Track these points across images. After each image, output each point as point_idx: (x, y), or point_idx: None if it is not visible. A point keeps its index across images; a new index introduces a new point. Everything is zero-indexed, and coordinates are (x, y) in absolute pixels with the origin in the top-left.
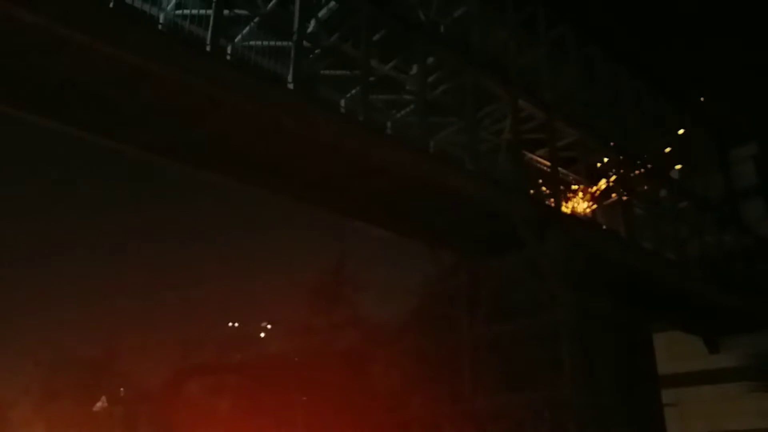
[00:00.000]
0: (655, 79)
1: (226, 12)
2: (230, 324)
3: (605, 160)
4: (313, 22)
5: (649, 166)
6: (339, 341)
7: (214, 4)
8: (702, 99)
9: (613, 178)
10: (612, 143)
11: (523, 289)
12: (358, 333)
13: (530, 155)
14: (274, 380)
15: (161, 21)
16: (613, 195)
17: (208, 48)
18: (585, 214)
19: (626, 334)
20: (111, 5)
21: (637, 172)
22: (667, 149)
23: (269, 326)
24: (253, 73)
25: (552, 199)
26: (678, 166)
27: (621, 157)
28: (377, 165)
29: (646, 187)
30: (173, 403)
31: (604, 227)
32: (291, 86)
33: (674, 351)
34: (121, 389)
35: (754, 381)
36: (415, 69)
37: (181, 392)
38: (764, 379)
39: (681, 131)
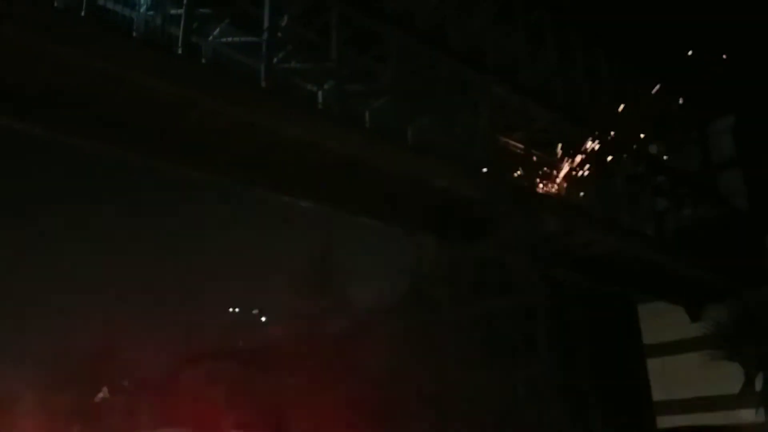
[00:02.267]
0: (632, 56)
1: (198, 11)
2: (231, 310)
3: (584, 142)
4: (285, 18)
5: (625, 142)
6: (328, 325)
7: (184, 6)
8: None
9: (587, 157)
10: (588, 123)
11: (500, 270)
12: (346, 317)
13: (505, 139)
14: (270, 365)
15: (135, 23)
16: (588, 173)
17: (179, 51)
18: (560, 195)
19: (608, 307)
20: (82, 13)
21: (613, 149)
22: (645, 124)
23: (256, 311)
24: (225, 74)
25: (526, 182)
26: (656, 142)
27: (597, 136)
28: (353, 157)
29: (622, 164)
30: (174, 391)
31: (579, 206)
32: (263, 84)
33: (658, 321)
34: (124, 380)
35: (720, 348)
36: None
37: (182, 380)
38: (731, 345)
39: (660, 106)
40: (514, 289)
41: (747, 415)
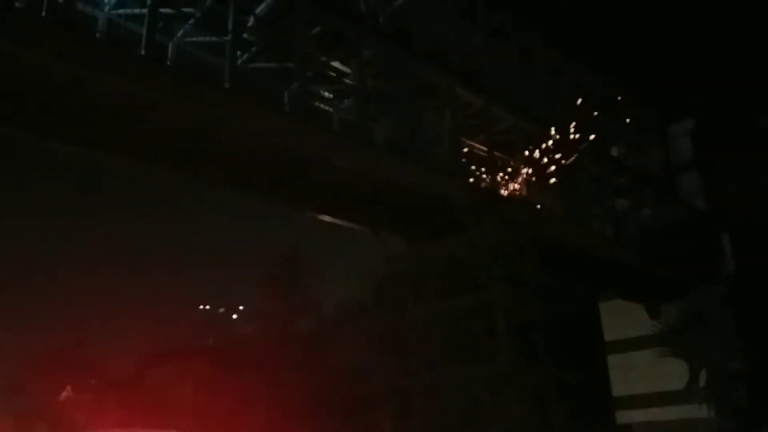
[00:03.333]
0: (596, 59)
1: (164, 11)
2: (201, 307)
3: (545, 142)
4: (251, 19)
5: (588, 144)
6: (296, 324)
7: (148, 7)
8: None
9: (549, 158)
10: (550, 125)
11: (464, 269)
12: (314, 315)
13: (469, 141)
14: (238, 363)
15: (100, 23)
16: (550, 173)
17: (142, 52)
18: (522, 195)
19: (571, 304)
20: (43, 14)
21: (574, 150)
22: (605, 125)
23: (222, 310)
24: (189, 74)
25: (489, 183)
26: (618, 144)
27: (558, 138)
28: (318, 159)
29: (583, 165)
30: (141, 389)
31: (540, 206)
32: (227, 85)
33: (619, 318)
34: (91, 378)
35: (666, 345)
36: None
37: (149, 378)
38: (676, 343)
39: (623, 109)
40: (477, 287)
41: (693, 411)
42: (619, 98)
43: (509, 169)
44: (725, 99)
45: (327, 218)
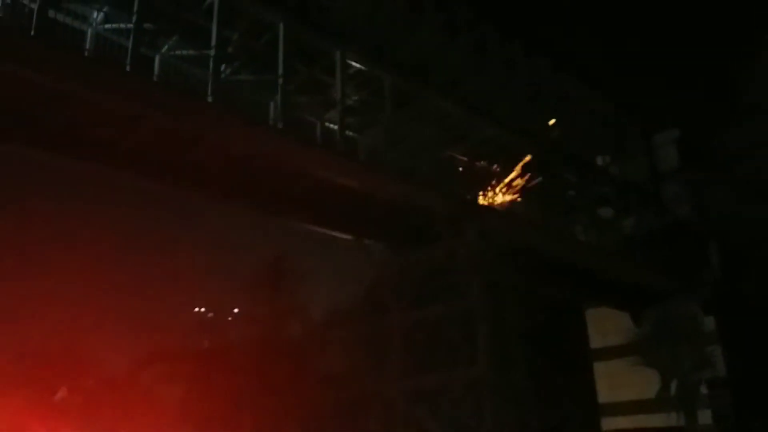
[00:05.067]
0: (580, 69)
1: (147, 26)
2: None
3: (527, 153)
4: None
5: (571, 154)
6: (281, 329)
7: (134, 22)
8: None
9: (531, 167)
10: (530, 135)
11: (444, 277)
12: (298, 321)
13: (450, 152)
14: (226, 366)
15: (88, 38)
16: (531, 183)
17: (128, 68)
18: (503, 205)
19: (556, 312)
20: (32, 32)
21: (556, 160)
22: (590, 136)
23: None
24: (172, 89)
25: (470, 193)
26: (602, 153)
27: (541, 149)
28: (299, 170)
29: (566, 174)
30: (133, 390)
31: (520, 216)
32: (210, 99)
33: (605, 325)
34: (87, 379)
35: (639, 354)
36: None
37: (141, 379)
38: (648, 352)
39: (607, 119)
40: (456, 295)
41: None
42: (602, 108)
43: (490, 179)
44: (710, 107)
45: (311, 228)
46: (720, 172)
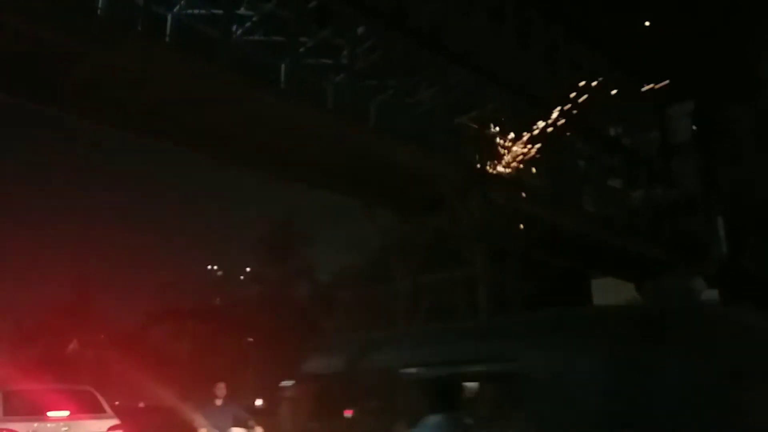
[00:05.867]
0: (593, 40)
1: None
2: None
3: (539, 122)
4: None
5: (581, 123)
6: (290, 290)
7: None
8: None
9: (542, 136)
10: (543, 103)
11: (448, 244)
12: (307, 283)
13: (460, 119)
14: (232, 324)
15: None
16: (541, 152)
17: (139, 28)
18: (511, 173)
19: (559, 282)
20: None
21: (568, 129)
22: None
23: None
24: (184, 51)
25: (479, 161)
26: (615, 124)
27: (553, 117)
28: (311, 133)
29: (577, 144)
30: (142, 345)
31: (528, 185)
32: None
33: (611, 296)
34: (96, 334)
35: None
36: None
37: (150, 335)
38: None
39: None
40: (461, 262)
41: None
42: (615, 78)
43: (500, 148)
44: (726, 81)
45: (319, 189)
46: (732, 146)
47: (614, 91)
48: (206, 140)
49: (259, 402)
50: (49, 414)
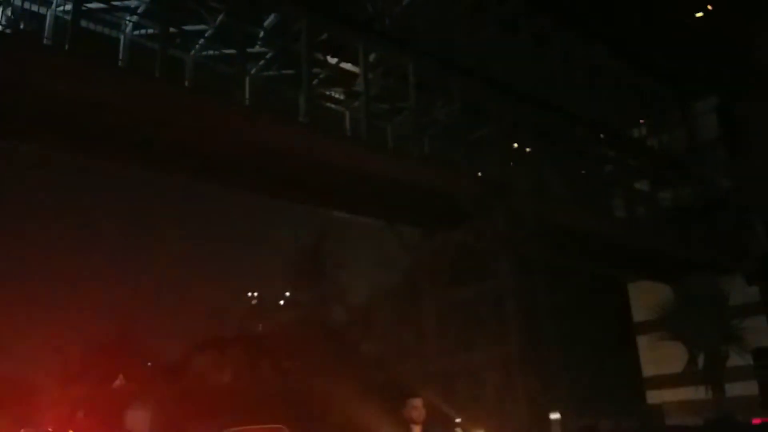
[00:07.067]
0: (613, 42)
1: (172, 30)
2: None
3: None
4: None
5: (606, 128)
6: (321, 314)
7: (160, 28)
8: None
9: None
10: (562, 110)
11: (475, 258)
12: (338, 306)
13: (477, 133)
14: (272, 350)
15: (122, 44)
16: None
17: (156, 74)
18: (530, 183)
19: (597, 286)
20: (66, 47)
21: (590, 134)
22: (625, 108)
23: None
24: (203, 93)
25: (500, 172)
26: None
27: (576, 126)
28: (331, 162)
29: (600, 148)
30: (184, 376)
31: (551, 195)
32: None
33: (648, 298)
34: (140, 367)
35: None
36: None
37: (193, 366)
38: (674, 327)
39: (642, 90)
40: (487, 275)
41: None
42: (636, 79)
43: (518, 157)
44: (751, 75)
45: (344, 214)
46: (761, 139)
47: (636, 92)
48: (230, 172)
49: None
50: None
